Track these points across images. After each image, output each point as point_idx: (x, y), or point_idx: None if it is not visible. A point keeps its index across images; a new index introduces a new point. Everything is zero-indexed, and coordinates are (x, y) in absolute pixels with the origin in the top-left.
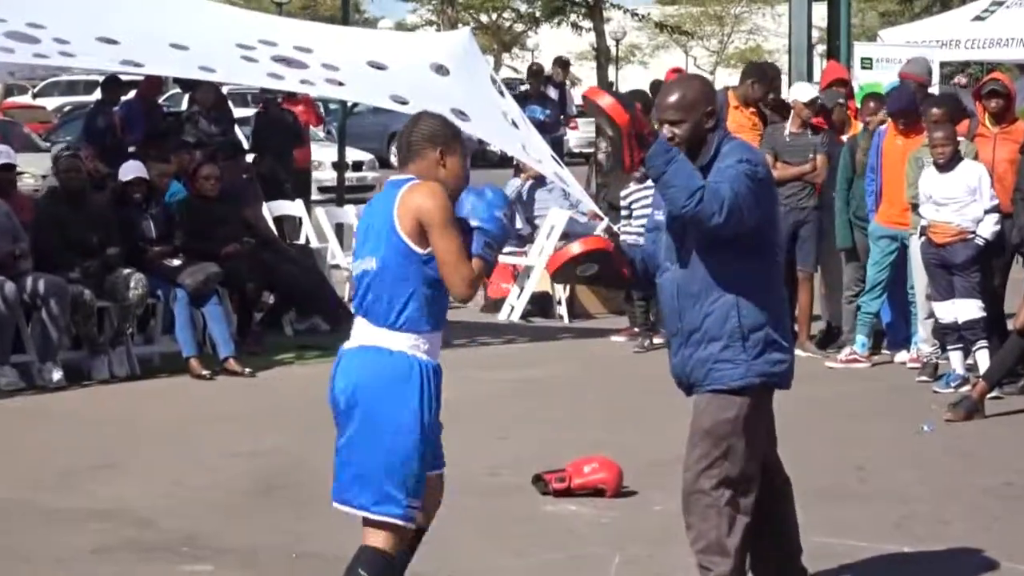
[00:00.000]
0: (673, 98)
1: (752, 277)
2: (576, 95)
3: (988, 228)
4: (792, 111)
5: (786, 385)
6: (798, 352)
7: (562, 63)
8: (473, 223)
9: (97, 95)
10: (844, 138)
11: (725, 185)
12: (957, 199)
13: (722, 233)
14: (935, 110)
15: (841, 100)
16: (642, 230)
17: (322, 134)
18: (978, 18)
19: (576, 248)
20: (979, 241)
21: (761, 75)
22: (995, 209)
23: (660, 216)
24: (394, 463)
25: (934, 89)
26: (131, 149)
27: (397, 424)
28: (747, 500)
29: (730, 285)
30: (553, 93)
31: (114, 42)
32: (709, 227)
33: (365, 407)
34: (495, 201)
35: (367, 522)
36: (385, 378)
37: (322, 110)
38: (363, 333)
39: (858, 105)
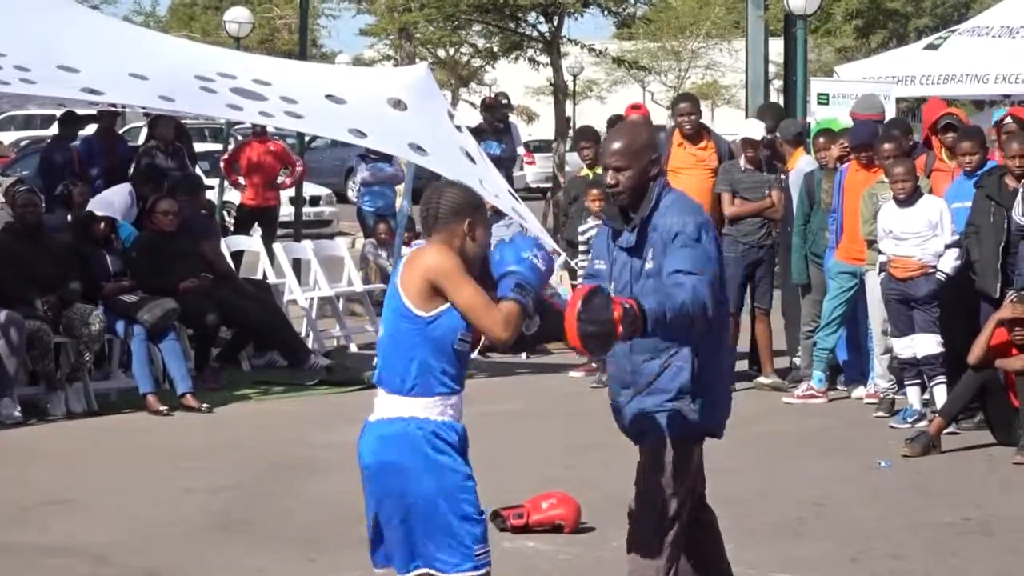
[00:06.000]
0: (620, 144)
1: (707, 336)
2: (525, 129)
3: (949, 262)
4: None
5: (720, 435)
6: (762, 380)
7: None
8: (505, 269)
9: (54, 130)
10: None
11: (696, 281)
12: (918, 233)
13: None
14: (887, 145)
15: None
16: None
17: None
18: (931, 46)
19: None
20: (940, 275)
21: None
22: (956, 244)
23: (600, 265)
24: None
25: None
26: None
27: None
28: (679, 537)
29: (687, 343)
30: None
31: (74, 70)
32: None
33: (394, 485)
34: (522, 244)
35: None
36: (404, 452)
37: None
38: (381, 403)
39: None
